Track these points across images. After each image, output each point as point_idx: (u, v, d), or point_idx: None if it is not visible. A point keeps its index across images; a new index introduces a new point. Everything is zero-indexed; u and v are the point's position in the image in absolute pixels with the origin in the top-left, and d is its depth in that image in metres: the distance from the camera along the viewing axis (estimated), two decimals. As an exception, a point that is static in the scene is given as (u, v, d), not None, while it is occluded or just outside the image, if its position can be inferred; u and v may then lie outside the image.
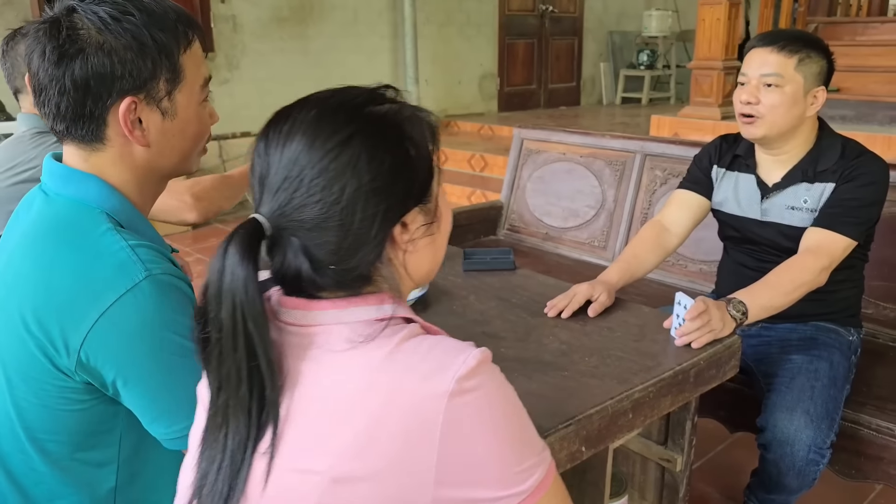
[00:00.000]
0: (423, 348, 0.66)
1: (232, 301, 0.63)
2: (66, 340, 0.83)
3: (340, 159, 0.65)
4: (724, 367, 1.34)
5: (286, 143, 0.66)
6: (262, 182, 0.67)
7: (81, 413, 0.87)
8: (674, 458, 1.43)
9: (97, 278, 0.83)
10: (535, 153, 2.83)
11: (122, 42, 0.84)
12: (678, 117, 4.65)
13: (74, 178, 0.90)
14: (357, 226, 0.66)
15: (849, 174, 1.55)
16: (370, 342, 0.66)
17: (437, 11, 6.35)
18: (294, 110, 0.68)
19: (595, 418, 1.10)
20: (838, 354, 1.59)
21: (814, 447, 1.41)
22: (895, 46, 4.39)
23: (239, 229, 0.65)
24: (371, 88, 0.71)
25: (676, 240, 1.78)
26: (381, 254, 0.69)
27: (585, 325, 1.42)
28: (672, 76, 7.81)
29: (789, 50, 1.55)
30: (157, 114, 0.90)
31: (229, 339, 0.63)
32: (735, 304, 1.41)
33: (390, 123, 0.69)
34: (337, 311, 0.68)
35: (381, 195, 0.66)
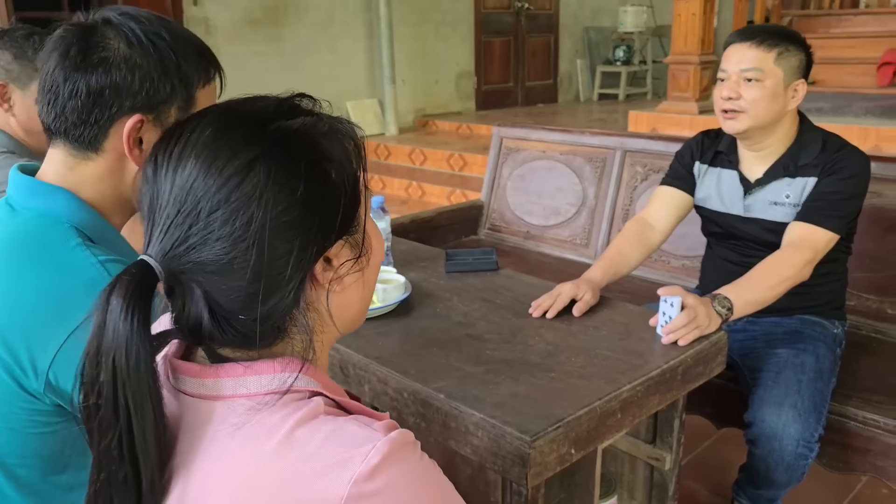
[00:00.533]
0: (319, 436, 0.54)
1: (112, 362, 0.53)
2: (33, 361, 0.79)
3: (243, 188, 0.54)
4: (710, 363, 1.33)
5: (177, 168, 0.55)
6: (150, 215, 0.56)
7: (52, 435, 0.84)
8: (662, 456, 1.42)
9: (66, 295, 0.80)
10: (514, 151, 2.82)
11: (149, 61, 0.85)
12: (656, 112, 4.66)
13: (42, 191, 0.88)
14: (268, 267, 0.55)
15: (830, 168, 1.55)
16: (259, 422, 0.55)
17: (412, 11, 6.32)
18: (187, 128, 0.57)
19: (584, 420, 1.09)
20: (824, 347, 1.59)
21: (802, 441, 1.41)
22: (868, 38, 4.44)
23: (123, 276, 0.54)
24: (280, 99, 0.61)
25: (660, 236, 1.78)
26: (300, 298, 0.58)
27: (571, 325, 1.40)
28: (648, 71, 7.85)
29: (768, 44, 1.55)
30: (159, 136, 0.89)
31: (110, 408, 0.53)
32: (720, 299, 1.40)
33: (303, 141, 0.57)
34: (233, 381, 0.57)
35: (295, 229, 0.55)
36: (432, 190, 4.90)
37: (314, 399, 0.58)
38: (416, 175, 5.12)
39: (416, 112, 6.57)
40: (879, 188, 1.89)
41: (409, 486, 0.55)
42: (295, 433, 0.54)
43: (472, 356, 1.27)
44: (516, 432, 1.02)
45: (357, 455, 0.52)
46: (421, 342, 1.32)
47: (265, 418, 0.56)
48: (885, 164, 1.90)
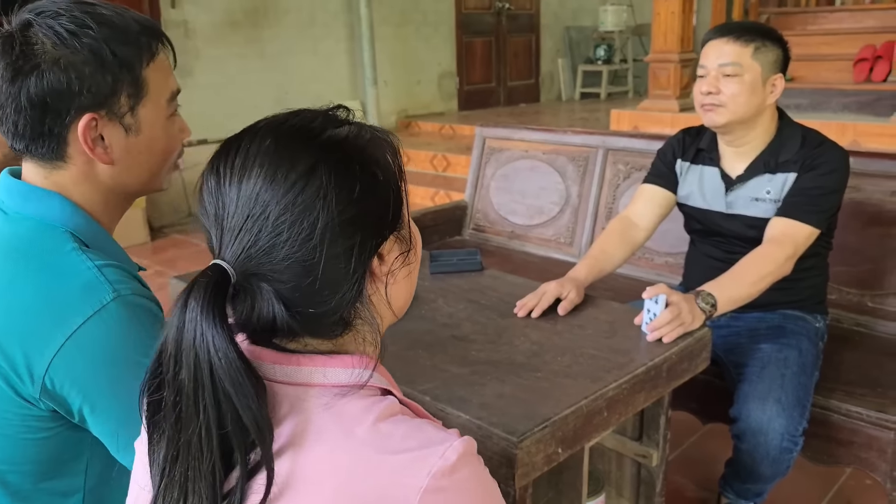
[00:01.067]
0: (400, 431, 0.59)
1: (195, 361, 0.56)
2: (29, 366, 0.78)
3: (307, 192, 0.58)
4: (695, 359, 1.34)
5: (243, 179, 0.59)
6: (219, 224, 0.60)
7: (46, 441, 0.83)
8: (649, 453, 1.42)
9: (62, 300, 0.79)
10: (497, 151, 2.82)
11: (80, 57, 0.81)
12: (637, 111, 4.69)
13: (35, 196, 0.86)
14: (333, 263, 0.59)
15: (810, 163, 1.57)
16: (345, 406, 0.60)
17: (393, 12, 6.30)
18: (244, 140, 0.62)
19: (570, 419, 1.09)
20: (806, 342, 1.60)
21: (787, 435, 1.42)
22: (845, 35, 4.49)
23: (200, 278, 0.58)
24: (325, 111, 0.65)
25: (644, 234, 1.79)
26: (362, 291, 0.63)
27: (556, 324, 1.40)
28: (629, 70, 7.88)
29: (745, 39, 1.56)
30: (119, 130, 0.86)
31: (191, 403, 0.56)
32: (704, 296, 1.41)
33: (353, 148, 0.62)
34: (316, 370, 0.62)
35: (354, 226, 0.60)
36: (416, 191, 4.89)
37: (389, 397, 0.63)
38: (400, 176, 5.12)
39: (399, 113, 6.55)
40: (859, 183, 1.92)
41: (476, 486, 0.60)
42: (379, 425, 0.58)
43: (458, 357, 1.27)
44: (502, 433, 1.02)
45: (435, 452, 0.57)
46: (406, 344, 1.31)
47: (348, 405, 0.60)
48: (865, 159, 1.92)
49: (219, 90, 5.26)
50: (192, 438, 0.56)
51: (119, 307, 0.80)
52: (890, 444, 1.48)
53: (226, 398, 0.56)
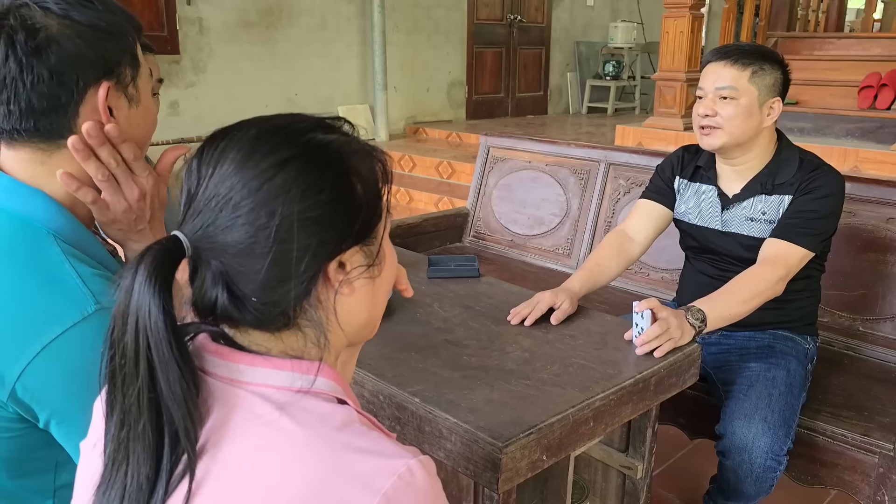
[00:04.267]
0: (358, 441, 0.58)
1: (136, 325, 0.57)
2: (1, 371, 0.77)
3: (274, 182, 0.59)
4: (684, 374, 1.36)
5: (219, 161, 0.61)
6: (188, 200, 0.62)
7: (14, 440, 0.82)
8: (635, 465, 1.44)
9: (43, 308, 0.78)
10: (501, 161, 2.84)
11: (91, 25, 0.82)
12: (642, 127, 4.72)
13: (18, 193, 0.84)
14: (285, 256, 0.60)
15: (806, 186, 1.59)
16: (290, 416, 0.59)
17: (405, 19, 6.35)
18: (233, 129, 0.64)
19: (556, 427, 1.10)
20: (795, 362, 1.62)
21: (771, 454, 1.44)
22: (851, 61, 4.52)
23: (154, 245, 0.60)
24: (321, 117, 0.66)
25: (639, 248, 1.81)
26: (311, 291, 0.62)
27: (548, 333, 1.42)
28: (637, 87, 7.93)
29: (742, 63, 1.59)
30: (124, 101, 0.87)
31: (132, 364, 0.57)
32: (694, 312, 1.42)
33: (334, 153, 0.63)
34: (264, 371, 0.62)
35: (315, 226, 0.61)
36: (420, 196, 4.92)
37: (346, 406, 0.63)
38: (405, 181, 5.14)
39: (407, 119, 6.59)
40: (855, 208, 1.94)
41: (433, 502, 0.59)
42: (332, 435, 0.58)
43: (450, 361, 1.29)
44: (488, 438, 1.04)
45: (396, 464, 0.57)
46: (399, 346, 1.33)
47: (303, 410, 0.59)
48: (862, 185, 1.94)
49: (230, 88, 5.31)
50: (132, 400, 0.57)
51: (100, 319, 0.78)
52: (873, 467, 1.49)
53: (150, 365, 0.57)
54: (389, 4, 5.98)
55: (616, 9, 8.30)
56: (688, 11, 4.40)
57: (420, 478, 0.57)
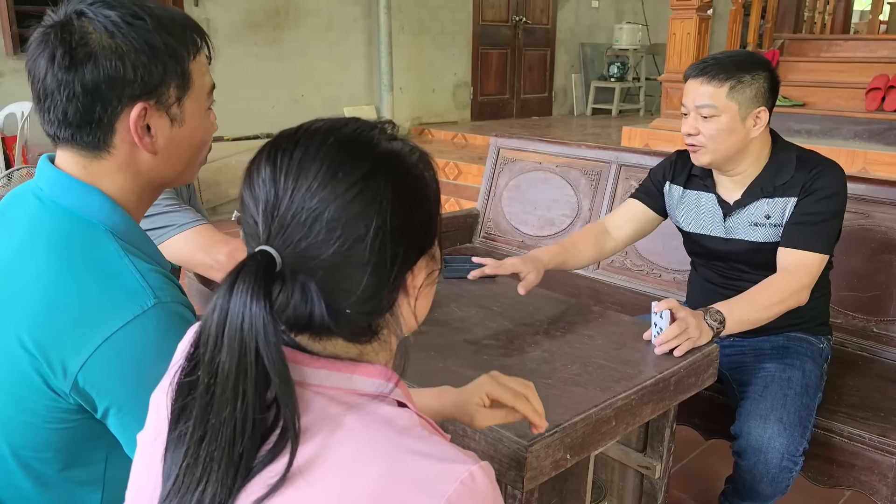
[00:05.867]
0: (425, 444, 0.59)
1: (241, 345, 0.56)
2: (63, 362, 0.79)
3: (365, 194, 0.59)
4: (702, 375, 1.36)
5: (301, 173, 0.59)
6: (268, 212, 0.60)
7: (68, 431, 0.84)
8: (653, 465, 1.45)
9: (104, 302, 0.80)
10: (511, 162, 2.85)
11: (134, 46, 0.82)
12: (649, 129, 4.72)
13: (76, 190, 0.87)
14: (380, 267, 0.60)
15: (810, 187, 1.56)
16: (357, 419, 0.59)
17: (411, 20, 6.36)
18: (302, 136, 0.62)
19: (579, 426, 1.11)
20: (810, 363, 1.62)
21: (787, 454, 1.44)
22: (858, 63, 4.52)
23: (249, 262, 0.58)
24: (375, 122, 0.66)
25: (614, 244, 1.81)
26: (395, 301, 0.64)
27: (567, 334, 1.43)
28: (642, 88, 7.93)
29: (719, 79, 1.53)
30: (165, 120, 0.88)
31: (228, 388, 0.56)
32: (712, 313, 1.43)
33: (408, 162, 0.64)
34: (341, 375, 0.62)
35: (402, 235, 0.61)
36: (426, 198, 4.92)
37: (408, 410, 0.64)
38: (411, 182, 5.15)
39: (413, 120, 6.60)
40: (868, 209, 1.94)
41: None
42: (406, 434, 0.59)
43: (470, 361, 1.29)
44: (513, 437, 1.05)
45: (460, 468, 0.57)
46: (418, 346, 1.34)
47: (372, 412, 0.60)
48: (875, 187, 1.94)
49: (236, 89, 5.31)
50: (224, 421, 0.56)
51: (159, 313, 0.81)
52: (891, 468, 1.49)
53: (262, 386, 0.56)
54: (395, 5, 5.99)
55: (621, 10, 8.30)
56: (695, 13, 4.40)
57: (481, 483, 0.58)
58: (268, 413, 0.58)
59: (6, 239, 0.87)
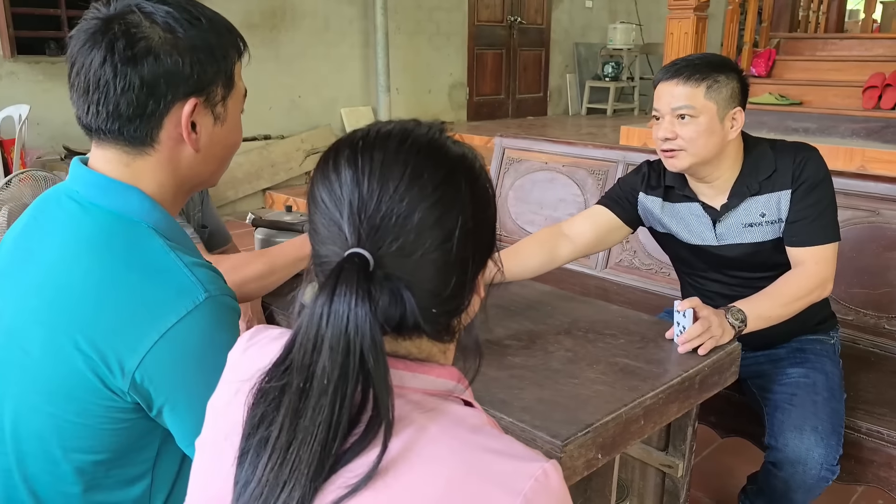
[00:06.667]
0: (499, 441, 0.59)
1: (346, 348, 0.55)
2: (121, 361, 0.80)
3: (448, 195, 0.60)
4: (725, 373, 1.37)
5: (386, 174, 0.59)
6: (355, 214, 0.59)
7: (123, 430, 0.84)
8: (675, 463, 1.45)
9: (157, 299, 0.81)
10: (516, 162, 2.85)
11: (194, 44, 0.84)
12: (647, 128, 4.73)
13: (114, 189, 0.87)
14: (462, 267, 0.61)
15: (800, 176, 1.52)
16: (432, 418, 0.60)
17: (407, 21, 6.36)
18: (378, 139, 0.62)
19: (610, 425, 1.11)
20: (829, 363, 1.61)
21: (825, 465, 1.43)
22: (853, 62, 4.55)
23: (346, 265, 0.57)
24: (438, 125, 0.66)
25: (570, 248, 1.70)
26: (470, 300, 0.65)
27: (588, 333, 1.42)
28: (636, 88, 7.96)
29: (696, 79, 1.49)
30: (210, 118, 0.90)
31: (329, 392, 0.55)
32: (734, 312, 1.42)
33: (476, 164, 0.65)
34: (416, 376, 0.62)
35: (478, 234, 0.62)
36: (425, 198, 4.92)
37: (476, 409, 0.64)
38: (410, 183, 5.14)
39: (409, 121, 6.59)
40: (877, 206, 1.95)
41: None
42: (479, 433, 0.59)
43: (494, 361, 1.29)
44: (547, 436, 1.04)
45: (535, 466, 0.58)
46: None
47: (445, 411, 0.61)
48: (885, 185, 1.95)
49: (233, 91, 5.28)
50: (318, 424, 0.55)
51: (210, 307, 0.82)
52: (909, 463, 1.51)
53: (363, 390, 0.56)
54: (392, 6, 5.98)
55: (614, 10, 8.33)
56: (692, 13, 4.42)
57: (554, 480, 0.58)
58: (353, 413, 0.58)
59: (46, 243, 0.87)
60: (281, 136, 5.57)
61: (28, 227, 0.91)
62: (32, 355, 0.83)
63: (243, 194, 5.36)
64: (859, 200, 2.00)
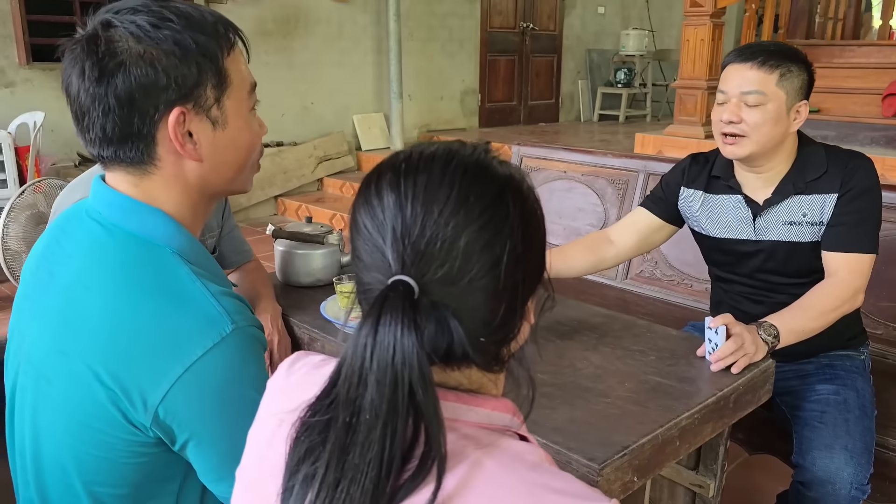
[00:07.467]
0: (558, 480, 0.57)
1: (393, 381, 0.52)
2: (143, 395, 0.76)
3: (496, 219, 0.57)
4: (759, 391, 1.33)
5: (430, 198, 0.57)
6: (401, 241, 0.57)
7: (145, 465, 0.81)
8: (706, 483, 1.42)
9: (182, 330, 0.77)
10: (534, 171, 2.82)
11: (164, 49, 0.78)
12: (663, 135, 4.70)
13: (137, 212, 0.83)
14: (512, 294, 0.58)
15: (849, 182, 1.50)
16: (489, 454, 0.57)
17: (420, 27, 6.35)
18: (422, 161, 0.60)
19: (646, 447, 1.08)
20: (860, 380, 1.58)
21: (856, 484, 1.39)
22: (872, 69, 4.51)
23: (391, 293, 0.55)
24: (482, 145, 0.63)
25: (614, 251, 1.74)
26: (520, 328, 0.61)
27: (616, 349, 1.40)
28: (648, 94, 7.93)
29: (770, 65, 1.46)
30: (207, 124, 0.83)
31: (378, 426, 0.53)
32: (766, 327, 1.39)
33: (523, 185, 0.62)
34: (469, 409, 0.59)
35: (527, 258, 0.59)
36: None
37: (533, 444, 0.62)
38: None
39: (421, 127, 6.58)
40: (906, 219, 1.91)
41: None
42: (530, 475, 0.56)
43: (522, 378, 1.26)
44: (583, 459, 1.02)
45: None
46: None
47: (503, 447, 0.58)
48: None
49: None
50: (369, 462, 0.53)
51: (237, 339, 0.78)
52: (944, 484, 1.47)
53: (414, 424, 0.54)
54: (405, 13, 5.97)
55: (627, 16, 8.31)
56: (709, 20, 4.39)
57: None
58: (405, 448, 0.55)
59: (67, 265, 0.84)
60: (293, 143, 5.57)
61: (50, 248, 0.88)
62: (54, 384, 0.80)
63: (256, 201, 5.35)
64: (886, 212, 1.96)
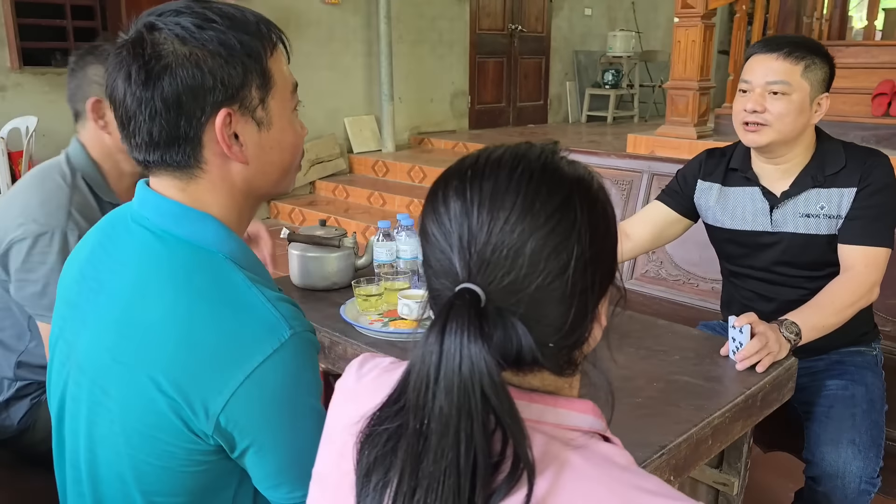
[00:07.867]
0: (650, 481, 0.58)
1: (461, 389, 0.52)
2: (205, 403, 0.75)
3: (564, 223, 0.57)
4: (783, 389, 1.35)
5: (496, 205, 0.57)
6: (465, 248, 0.57)
7: (203, 473, 0.80)
8: (730, 481, 1.42)
9: (242, 337, 0.76)
10: (536, 172, 2.83)
11: (209, 49, 0.77)
12: (654, 136, 4.73)
13: (189, 218, 0.82)
14: (582, 298, 0.58)
15: (867, 177, 1.51)
16: (581, 455, 0.57)
17: (410, 30, 6.35)
18: (488, 166, 0.60)
19: (683, 447, 1.09)
20: (870, 374, 1.59)
21: (864, 478, 1.40)
22: (860, 69, 4.56)
23: (457, 302, 0.55)
24: (551, 146, 0.63)
25: (630, 245, 1.76)
26: (591, 331, 0.62)
27: (639, 349, 1.40)
28: (635, 95, 7.98)
29: (795, 56, 1.49)
30: (252, 125, 0.82)
31: (449, 434, 0.53)
32: (787, 325, 1.40)
33: (594, 186, 0.61)
34: (550, 409, 0.60)
35: (597, 263, 0.59)
36: (432, 208, 4.89)
37: (619, 447, 0.62)
38: (417, 192, 5.11)
39: (412, 129, 6.58)
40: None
41: None
42: (623, 476, 0.57)
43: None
44: (623, 460, 1.02)
45: None
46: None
47: (593, 448, 0.58)
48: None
49: (238, 101, 5.26)
50: (444, 470, 0.53)
51: (295, 345, 0.78)
52: (960, 478, 1.48)
53: (489, 428, 0.53)
54: (395, 15, 5.97)
55: (613, 18, 8.36)
56: (700, 21, 4.42)
57: None
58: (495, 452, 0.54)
59: (119, 274, 0.82)
60: (285, 146, 5.53)
61: (95, 255, 0.87)
62: (111, 395, 0.79)
63: (248, 205, 5.31)
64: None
